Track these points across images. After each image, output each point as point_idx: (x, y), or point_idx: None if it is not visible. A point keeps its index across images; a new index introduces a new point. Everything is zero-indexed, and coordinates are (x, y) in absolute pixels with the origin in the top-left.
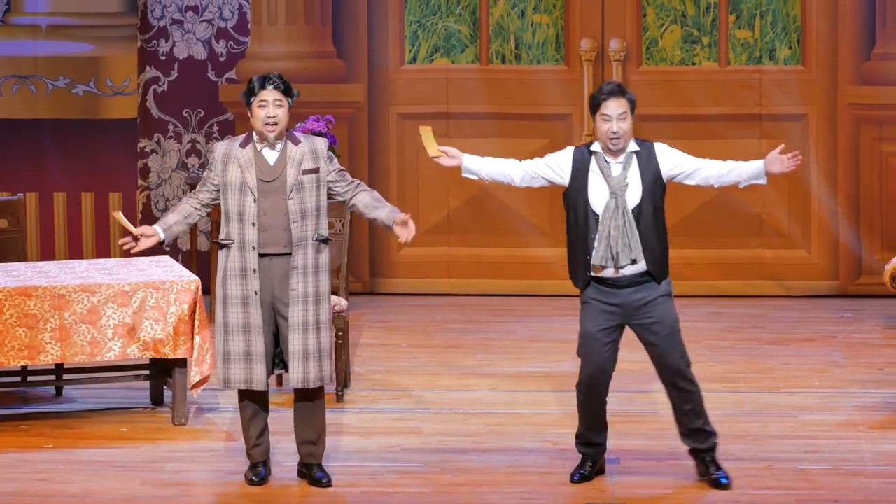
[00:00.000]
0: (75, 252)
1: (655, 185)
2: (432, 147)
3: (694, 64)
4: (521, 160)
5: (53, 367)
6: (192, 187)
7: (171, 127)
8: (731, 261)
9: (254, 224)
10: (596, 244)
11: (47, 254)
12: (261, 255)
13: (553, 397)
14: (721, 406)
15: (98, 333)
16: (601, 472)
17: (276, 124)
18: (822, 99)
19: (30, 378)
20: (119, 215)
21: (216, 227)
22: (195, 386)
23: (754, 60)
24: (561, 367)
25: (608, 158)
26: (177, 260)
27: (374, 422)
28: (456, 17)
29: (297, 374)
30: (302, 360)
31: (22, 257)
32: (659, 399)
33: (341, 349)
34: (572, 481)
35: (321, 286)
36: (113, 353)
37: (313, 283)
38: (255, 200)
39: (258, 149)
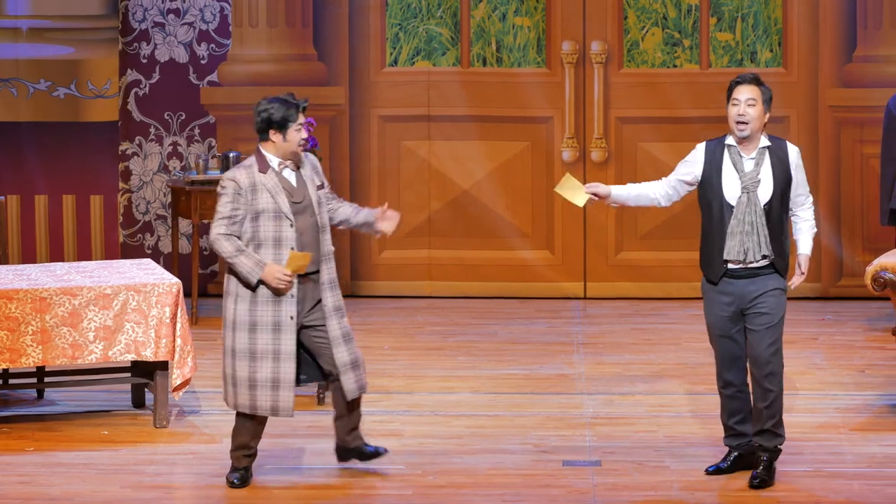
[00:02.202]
0: (56, 255)
1: (786, 184)
2: (579, 198)
3: (675, 66)
4: (661, 179)
5: (35, 369)
6: (174, 191)
7: (152, 130)
8: None
9: (292, 248)
10: (728, 239)
11: (28, 256)
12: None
13: (534, 399)
14: (704, 408)
15: (79, 336)
16: (748, 467)
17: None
18: (804, 101)
19: (11, 381)
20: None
21: (197, 229)
22: (177, 389)
23: (735, 63)
24: (543, 370)
25: (742, 153)
26: (158, 263)
27: None
28: (437, 20)
29: (351, 385)
30: (352, 370)
31: (3, 260)
32: (642, 401)
33: None
34: (706, 473)
35: (340, 298)
36: (94, 355)
37: (338, 296)
38: (291, 225)
39: (279, 171)
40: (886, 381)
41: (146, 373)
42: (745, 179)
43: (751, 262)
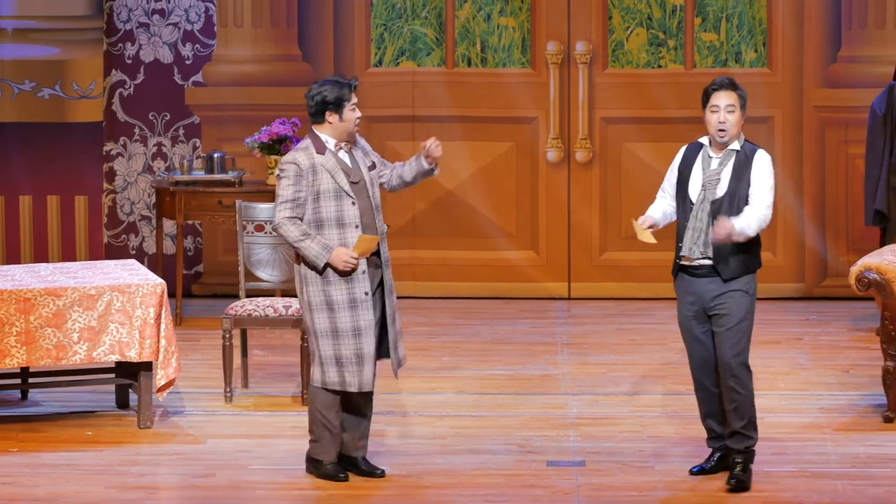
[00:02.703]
0: (41, 255)
1: (740, 186)
2: (647, 236)
3: (660, 66)
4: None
5: (19, 370)
6: (158, 191)
7: (137, 130)
8: None
9: (357, 226)
10: (684, 234)
11: (13, 257)
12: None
13: (518, 400)
14: (688, 409)
15: (64, 337)
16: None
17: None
18: (788, 101)
19: None
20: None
21: (181, 230)
22: (161, 389)
23: (720, 63)
24: (527, 370)
25: (711, 153)
26: (142, 263)
27: None
28: (422, 21)
29: (395, 361)
30: (394, 348)
31: None
32: (626, 401)
33: (306, 352)
34: (690, 473)
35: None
36: (78, 356)
37: (392, 275)
38: (354, 203)
39: (336, 152)
40: (870, 382)
41: (130, 373)
42: (706, 177)
43: (696, 259)
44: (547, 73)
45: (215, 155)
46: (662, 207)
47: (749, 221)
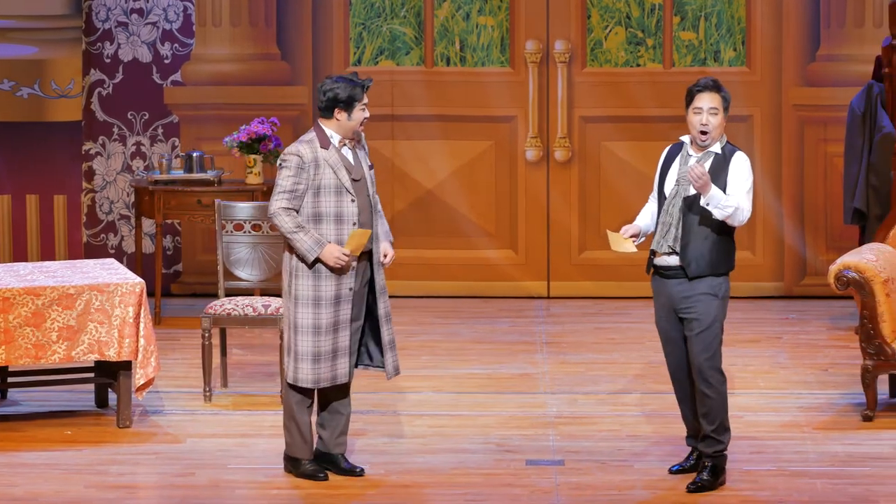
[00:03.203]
0: (20, 255)
1: (716, 183)
2: (628, 245)
3: (638, 65)
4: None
5: None
6: (137, 190)
7: (115, 129)
8: None
9: (354, 224)
10: (657, 229)
11: None
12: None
13: (497, 399)
14: (667, 407)
15: (42, 336)
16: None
17: None
18: (767, 100)
19: None
20: None
21: (160, 229)
22: (140, 389)
23: (699, 62)
24: (506, 369)
25: (691, 151)
26: (121, 263)
27: None
28: (401, 20)
29: (391, 366)
30: (391, 350)
31: None
32: (605, 400)
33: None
34: (670, 472)
35: (384, 278)
36: (57, 355)
37: (383, 277)
38: (353, 200)
39: (339, 148)
40: (849, 380)
41: (109, 373)
42: (681, 174)
43: (663, 252)
44: (526, 72)
45: (194, 154)
46: (651, 210)
47: (728, 201)
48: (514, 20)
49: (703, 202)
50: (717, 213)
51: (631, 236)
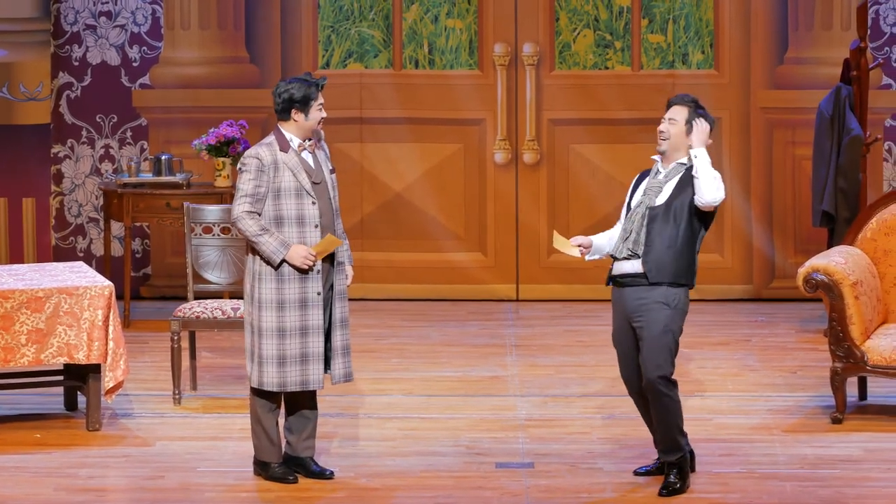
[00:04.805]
0: None
1: (681, 196)
2: (572, 250)
3: (607, 68)
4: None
5: None
6: (106, 193)
7: (84, 132)
8: None
9: (316, 226)
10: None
11: None
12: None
13: (467, 401)
14: (635, 410)
15: (11, 339)
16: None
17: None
18: (735, 103)
19: None
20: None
21: (129, 232)
22: (109, 392)
23: (667, 65)
24: (475, 372)
25: (661, 167)
26: (90, 266)
27: None
28: (369, 22)
29: (339, 371)
30: (342, 355)
31: None
32: (575, 403)
33: None
34: (635, 474)
35: (345, 283)
36: (26, 358)
37: (343, 281)
38: (313, 203)
39: (299, 152)
40: (818, 383)
41: (78, 376)
42: (648, 185)
43: (622, 256)
44: (494, 75)
45: (163, 157)
46: (612, 234)
47: (714, 173)
48: (483, 23)
49: (692, 153)
50: (702, 169)
51: (578, 245)
